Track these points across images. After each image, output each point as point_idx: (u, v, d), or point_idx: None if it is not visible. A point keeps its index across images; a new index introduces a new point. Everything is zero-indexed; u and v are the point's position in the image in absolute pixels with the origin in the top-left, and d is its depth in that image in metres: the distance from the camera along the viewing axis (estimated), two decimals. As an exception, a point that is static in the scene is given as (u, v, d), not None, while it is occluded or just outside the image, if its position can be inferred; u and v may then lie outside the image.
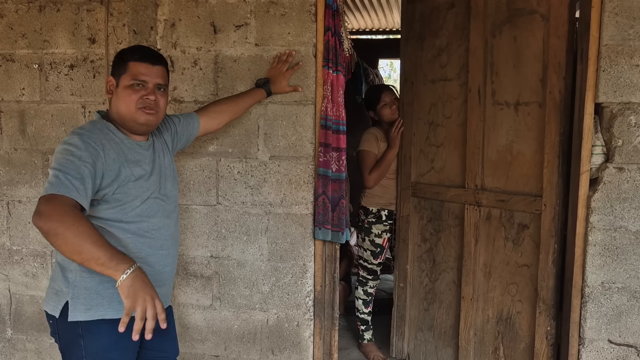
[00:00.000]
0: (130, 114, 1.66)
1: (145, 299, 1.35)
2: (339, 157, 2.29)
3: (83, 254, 1.37)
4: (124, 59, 1.68)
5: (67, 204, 1.40)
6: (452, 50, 2.69)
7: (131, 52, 1.69)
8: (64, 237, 1.36)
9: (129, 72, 1.66)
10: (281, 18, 2.28)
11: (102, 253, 1.36)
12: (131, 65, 1.65)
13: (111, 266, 1.37)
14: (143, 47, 1.75)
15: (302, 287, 2.38)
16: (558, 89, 2.26)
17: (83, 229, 1.37)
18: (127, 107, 1.66)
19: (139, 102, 1.65)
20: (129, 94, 1.65)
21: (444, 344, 2.80)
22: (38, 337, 2.61)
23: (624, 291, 2.13)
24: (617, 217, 2.11)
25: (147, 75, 1.66)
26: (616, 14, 2.04)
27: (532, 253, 2.40)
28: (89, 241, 1.36)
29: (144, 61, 1.66)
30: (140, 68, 1.66)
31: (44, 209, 1.39)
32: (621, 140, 2.08)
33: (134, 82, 1.65)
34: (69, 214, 1.38)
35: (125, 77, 1.66)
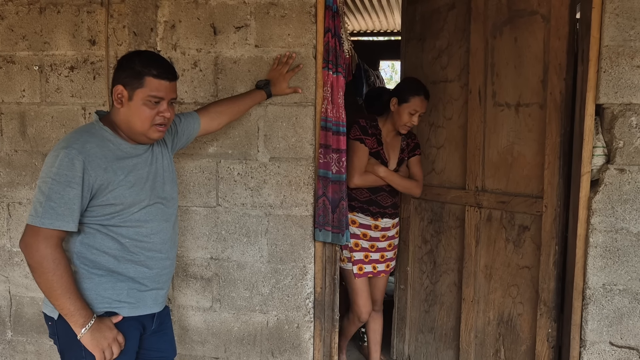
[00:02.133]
0: (144, 130, 1.64)
1: (106, 347, 1.60)
2: (339, 158, 2.29)
3: (52, 299, 1.56)
4: (139, 72, 1.60)
5: (49, 244, 1.53)
6: (453, 52, 2.68)
7: (148, 66, 1.61)
8: (39, 278, 1.54)
9: (147, 88, 1.60)
10: (281, 19, 2.28)
11: (67, 305, 1.55)
12: (148, 81, 1.60)
13: (73, 320, 1.57)
14: (159, 60, 1.66)
15: (302, 289, 2.37)
16: (559, 90, 2.26)
17: (56, 278, 1.53)
18: (141, 123, 1.63)
19: (156, 118, 1.64)
20: (144, 110, 1.62)
21: (445, 346, 2.79)
22: (38, 339, 2.60)
23: (625, 293, 2.11)
24: (618, 218, 2.10)
25: (164, 92, 1.63)
26: (617, 14, 2.03)
27: (533, 255, 2.39)
28: (58, 291, 1.54)
29: (163, 78, 1.62)
30: (159, 85, 1.61)
31: (29, 242, 1.54)
32: (622, 142, 2.07)
33: (153, 99, 1.62)
34: (48, 258, 1.52)
35: (142, 91, 1.61)
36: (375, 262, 2.71)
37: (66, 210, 1.53)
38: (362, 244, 2.67)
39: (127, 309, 1.69)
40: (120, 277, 1.67)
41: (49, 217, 1.52)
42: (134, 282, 1.69)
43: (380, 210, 2.68)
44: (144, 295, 1.72)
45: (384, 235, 2.71)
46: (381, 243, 2.71)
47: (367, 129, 2.62)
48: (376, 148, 2.64)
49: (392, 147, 2.71)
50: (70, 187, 1.53)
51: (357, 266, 2.66)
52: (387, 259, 2.76)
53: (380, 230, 2.69)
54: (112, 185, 1.60)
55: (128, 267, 1.68)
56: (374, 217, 2.67)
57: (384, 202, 2.69)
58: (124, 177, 1.63)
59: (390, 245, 2.76)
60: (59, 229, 1.53)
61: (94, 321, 1.58)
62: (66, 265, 1.56)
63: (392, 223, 2.74)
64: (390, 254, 2.78)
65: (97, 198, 1.59)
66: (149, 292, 1.74)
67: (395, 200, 2.73)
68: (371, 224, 2.67)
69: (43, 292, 1.57)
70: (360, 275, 2.68)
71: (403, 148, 2.73)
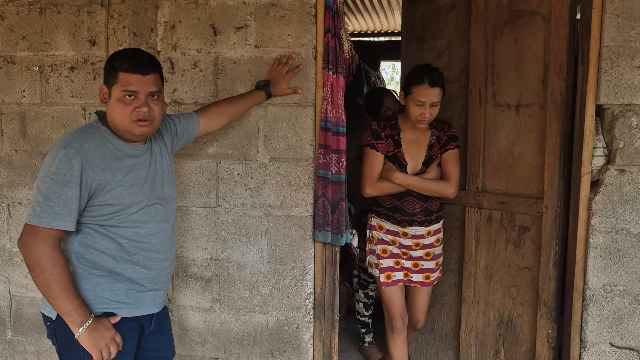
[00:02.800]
0: (125, 127, 1.63)
1: (104, 347, 1.59)
2: (339, 159, 2.29)
3: (49, 299, 1.57)
4: (114, 67, 1.60)
5: (47, 243, 1.53)
6: (453, 52, 2.68)
7: (120, 61, 1.60)
8: (37, 277, 1.55)
9: (120, 83, 1.59)
10: (281, 20, 2.27)
11: (65, 305, 1.55)
12: (121, 76, 1.59)
13: (70, 320, 1.57)
14: (133, 54, 1.65)
15: (302, 289, 2.37)
16: (559, 90, 2.25)
17: (54, 278, 1.53)
18: (120, 119, 1.62)
19: (133, 114, 1.61)
20: (121, 107, 1.61)
21: (445, 346, 2.78)
22: (38, 339, 2.60)
23: (625, 294, 2.11)
24: (618, 219, 2.09)
25: (137, 86, 1.60)
26: (617, 15, 2.03)
27: (533, 255, 2.39)
28: (56, 290, 1.54)
29: (134, 72, 1.59)
30: (130, 79, 1.59)
31: (27, 242, 1.54)
32: (622, 142, 2.07)
33: (125, 94, 1.60)
34: (45, 257, 1.53)
35: (116, 88, 1.60)
36: (407, 270, 2.44)
37: (64, 210, 1.54)
38: (392, 249, 2.44)
39: (126, 310, 1.69)
40: (118, 277, 1.67)
41: (47, 217, 1.52)
42: (133, 283, 1.70)
43: (407, 218, 2.40)
44: (142, 295, 1.72)
45: (418, 243, 2.41)
46: (415, 252, 2.43)
47: (380, 132, 2.39)
48: (392, 151, 2.40)
49: (417, 145, 2.40)
50: (69, 186, 1.53)
51: (385, 274, 2.43)
52: (424, 269, 2.43)
53: (411, 238, 2.41)
54: (110, 185, 1.60)
55: (126, 267, 1.68)
56: (400, 225, 2.41)
57: (411, 209, 2.39)
58: (122, 177, 1.63)
59: (428, 254, 2.43)
60: (57, 228, 1.54)
61: (92, 321, 1.59)
62: (64, 265, 1.56)
63: (426, 231, 2.41)
64: (430, 265, 2.44)
65: (95, 198, 1.59)
66: (148, 293, 1.74)
67: (427, 205, 2.40)
68: (399, 231, 2.42)
69: (41, 291, 1.57)
70: (388, 284, 2.43)
71: (432, 144, 2.40)
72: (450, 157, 2.38)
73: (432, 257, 2.44)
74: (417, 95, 2.27)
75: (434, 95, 2.26)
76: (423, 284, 2.45)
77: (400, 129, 2.41)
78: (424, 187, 2.37)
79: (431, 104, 2.27)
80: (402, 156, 2.39)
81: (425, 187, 2.37)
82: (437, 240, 2.45)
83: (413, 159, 2.40)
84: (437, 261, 2.46)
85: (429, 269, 2.44)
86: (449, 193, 2.37)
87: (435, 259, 2.45)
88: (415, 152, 2.40)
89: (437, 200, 2.43)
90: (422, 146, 2.40)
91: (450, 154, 2.38)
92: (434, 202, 2.43)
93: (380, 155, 2.39)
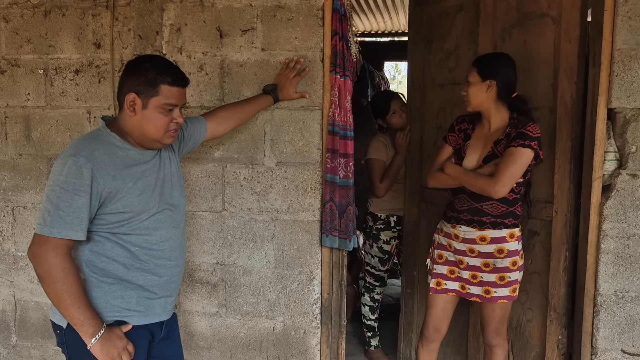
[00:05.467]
0: (159, 137, 1.64)
1: (116, 357, 1.59)
2: (347, 163, 2.27)
3: (61, 309, 1.56)
4: (153, 79, 1.60)
5: (58, 253, 1.52)
6: (461, 54, 2.66)
7: (162, 74, 1.61)
8: (48, 288, 1.53)
9: (162, 96, 1.60)
10: (288, 22, 2.25)
11: (77, 315, 1.54)
12: (164, 89, 1.60)
13: (82, 330, 1.55)
14: (172, 67, 1.66)
15: (309, 294, 2.35)
16: (569, 93, 2.23)
17: (65, 288, 1.52)
18: (156, 130, 1.63)
19: (170, 125, 1.64)
20: (160, 117, 1.62)
21: (452, 351, 2.76)
22: (43, 344, 2.59)
23: (638, 300, 2.09)
24: (630, 224, 2.07)
25: (178, 99, 1.64)
26: (629, 17, 2.00)
27: (542, 260, 2.37)
28: (67, 301, 1.53)
29: (177, 85, 1.63)
30: (173, 92, 1.62)
31: (37, 252, 1.53)
32: (635, 147, 2.05)
33: (168, 106, 1.62)
34: (57, 267, 1.52)
35: (157, 99, 1.60)
36: (464, 282, 2.25)
37: (75, 219, 1.52)
38: (448, 256, 2.29)
39: (137, 318, 1.67)
40: (129, 285, 1.66)
41: (58, 227, 1.51)
42: (144, 290, 1.68)
43: (454, 215, 2.24)
44: (153, 303, 1.71)
45: (472, 249, 2.20)
46: (471, 259, 2.21)
47: (455, 125, 2.32)
48: (460, 144, 2.29)
49: (486, 141, 2.23)
50: (79, 195, 1.51)
51: (436, 280, 2.30)
52: (483, 282, 2.19)
53: (463, 242, 2.22)
54: (121, 193, 1.58)
55: (137, 275, 1.66)
56: (450, 222, 2.26)
57: (459, 206, 2.23)
58: (133, 184, 1.61)
59: (487, 265, 2.18)
60: (67, 238, 1.52)
61: (104, 331, 1.57)
62: (75, 275, 1.54)
63: (478, 235, 2.18)
64: (490, 277, 2.17)
65: (105, 206, 1.57)
66: (158, 300, 1.72)
67: (478, 205, 2.17)
68: (452, 233, 2.26)
69: (52, 301, 1.55)
70: (437, 291, 2.29)
71: (499, 140, 2.17)
72: (507, 153, 2.09)
73: (492, 270, 2.17)
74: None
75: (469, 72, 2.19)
76: (483, 299, 2.21)
77: (479, 124, 2.28)
78: (467, 181, 2.18)
79: (467, 82, 2.19)
80: (464, 149, 2.27)
81: (468, 181, 2.17)
82: (498, 250, 2.16)
83: (474, 154, 2.24)
84: (502, 275, 2.16)
85: (488, 282, 2.18)
86: (490, 191, 2.08)
87: (498, 272, 2.17)
88: (480, 147, 2.23)
89: (500, 205, 2.15)
90: (489, 142, 2.21)
91: (510, 150, 2.08)
92: (494, 205, 2.16)
93: (448, 147, 2.32)
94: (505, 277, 2.16)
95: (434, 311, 2.33)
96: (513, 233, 2.16)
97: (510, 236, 2.16)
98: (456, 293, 2.28)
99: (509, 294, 2.17)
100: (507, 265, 2.16)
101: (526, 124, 2.11)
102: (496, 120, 2.19)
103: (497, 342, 2.27)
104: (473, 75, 2.17)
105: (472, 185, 2.16)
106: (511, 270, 2.16)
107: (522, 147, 2.05)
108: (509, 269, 2.16)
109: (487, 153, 2.19)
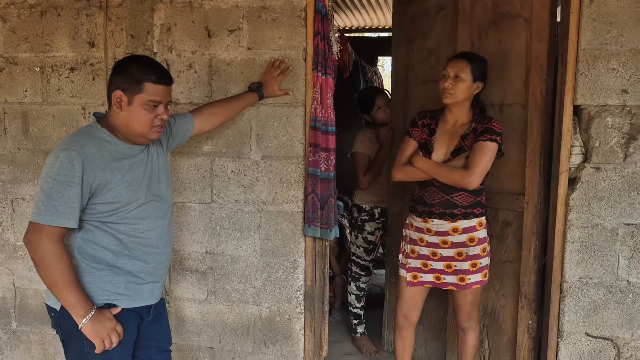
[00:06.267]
0: (144, 132, 1.75)
1: (106, 336, 1.70)
2: (328, 157, 2.38)
3: (54, 292, 1.67)
4: (138, 78, 1.69)
5: (51, 240, 1.63)
6: (441, 52, 2.76)
7: (146, 72, 1.70)
8: (43, 272, 1.65)
9: (146, 93, 1.70)
10: (272, 23, 2.36)
11: (69, 297, 1.65)
12: (147, 86, 1.70)
13: (74, 312, 1.67)
14: (155, 65, 1.76)
15: (293, 282, 2.47)
16: (539, 90, 2.34)
17: (58, 272, 1.64)
18: (141, 126, 1.73)
19: (155, 121, 1.75)
20: (144, 114, 1.72)
21: (432, 337, 2.89)
22: (42, 329, 2.71)
23: (600, 286, 2.21)
24: (594, 215, 2.19)
25: (162, 97, 1.74)
26: (594, 19, 2.11)
27: (515, 249, 2.48)
28: (60, 284, 1.64)
29: (161, 83, 1.72)
30: (157, 90, 1.71)
31: (32, 239, 1.64)
32: (598, 141, 2.16)
33: (151, 103, 1.72)
34: (50, 253, 1.63)
35: (141, 96, 1.70)
36: (439, 273, 2.34)
37: (67, 209, 1.63)
38: (420, 250, 2.38)
39: (126, 301, 1.79)
40: (118, 271, 1.77)
41: (51, 215, 1.62)
42: (132, 276, 1.79)
43: (426, 209, 2.32)
44: (141, 288, 1.82)
45: (445, 241, 2.30)
46: (445, 250, 2.31)
47: (417, 120, 2.40)
48: (425, 139, 2.36)
49: (451, 135, 2.32)
50: (70, 186, 1.63)
51: (412, 274, 2.39)
52: (458, 271, 2.30)
53: (436, 235, 2.31)
54: (110, 185, 1.70)
55: (126, 261, 1.78)
56: (421, 217, 2.34)
57: (431, 200, 2.31)
58: (121, 176, 1.73)
59: (460, 254, 2.29)
60: (60, 225, 1.63)
61: (94, 312, 1.68)
62: (68, 260, 1.66)
63: (450, 227, 2.28)
64: (464, 266, 2.29)
65: (95, 197, 1.69)
66: (146, 285, 1.83)
67: (449, 197, 2.27)
68: (423, 227, 2.34)
69: (46, 285, 1.67)
70: (414, 284, 2.39)
71: (466, 134, 2.29)
72: (477, 147, 2.21)
73: (465, 258, 2.29)
74: (445, 67, 2.29)
75: (459, 68, 2.23)
76: (458, 287, 2.32)
77: (441, 119, 2.37)
78: (441, 173, 2.25)
79: (455, 76, 2.23)
80: (431, 144, 2.35)
81: (441, 173, 2.25)
82: (470, 239, 2.28)
83: (442, 148, 2.33)
84: (474, 262, 2.29)
85: (462, 270, 2.30)
86: (465, 183, 2.19)
87: (470, 259, 2.29)
88: (446, 141, 2.33)
89: (468, 195, 2.27)
90: (456, 136, 2.32)
91: (480, 144, 2.21)
92: (463, 196, 2.27)
93: (412, 142, 2.39)
94: (477, 264, 2.31)
95: (402, 301, 2.46)
96: (481, 222, 2.31)
97: (479, 224, 2.31)
98: (431, 284, 2.40)
99: (481, 278, 2.33)
100: (478, 253, 2.30)
101: (491, 120, 2.27)
102: (463, 116, 2.33)
103: (469, 325, 2.42)
104: (465, 73, 2.24)
105: (446, 177, 2.25)
106: (481, 257, 2.31)
107: (490, 142, 2.21)
108: (480, 255, 2.30)
109: (455, 147, 2.30)
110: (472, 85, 2.26)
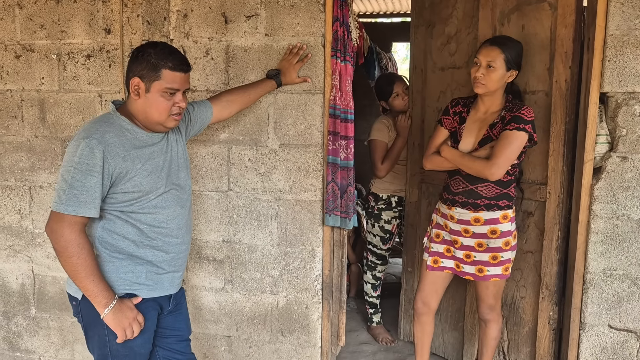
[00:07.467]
0: (162, 120, 1.73)
1: (127, 326, 1.71)
2: (347, 145, 2.35)
3: (76, 281, 1.67)
4: (155, 64, 1.67)
5: (73, 229, 1.63)
6: (461, 38, 2.71)
7: (164, 59, 1.68)
8: (65, 262, 1.65)
9: (164, 80, 1.68)
10: (290, 9, 2.32)
11: (91, 287, 1.66)
12: (165, 73, 1.68)
13: (96, 301, 1.67)
14: (172, 52, 1.73)
15: (311, 271, 2.46)
16: (564, 78, 2.28)
17: (80, 262, 1.64)
18: (159, 113, 1.72)
19: (173, 109, 1.73)
20: (162, 101, 1.70)
21: (450, 327, 2.87)
22: (60, 316, 2.74)
23: (625, 278, 2.17)
24: (619, 205, 2.14)
25: (180, 84, 1.72)
26: (622, 3, 2.04)
27: (536, 240, 2.45)
28: (82, 274, 1.64)
29: (179, 70, 1.70)
30: (175, 77, 1.70)
31: (54, 228, 1.64)
32: (625, 130, 2.11)
33: (169, 91, 1.70)
34: (72, 243, 1.63)
35: (159, 84, 1.69)
36: (459, 261, 2.31)
37: (88, 198, 1.62)
38: (445, 235, 2.35)
39: (146, 291, 1.79)
40: (139, 260, 1.77)
41: (73, 204, 1.61)
42: (152, 266, 1.79)
43: (450, 197, 2.29)
44: (161, 277, 1.82)
45: (467, 230, 2.25)
46: (466, 239, 2.27)
47: (449, 108, 2.35)
48: (455, 127, 2.31)
49: (481, 124, 2.26)
50: (92, 175, 1.62)
51: (433, 258, 2.37)
52: (476, 261, 2.26)
53: (458, 223, 2.27)
54: (131, 173, 1.69)
55: (146, 251, 1.77)
56: (446, 204, 2.31)
57: (455, 188, 2.28)
58: (142, 165, 1.71)
59: (480, 245, 2.24)
60: (82, 215, 1.63)
61: (116, 302, 1.69)
62: (89, 250, 1.66)
63: (472, 217, 2.23)
64: (483, 257, 2.25)
65: (116, 186, 1.68)
66: (166, 275, 1.83)
67: (473, 187, 2.22)
68: (447, 214, 2.31)
69: (68, 274, 1.67)
70: (434, 269, 2.37)
71: (494, 123, 2.21)
72: (503, 136, 2.12)
73: (485, 249, 2.24)
74: (477, 53, 2.21)
75: (491, 57, 2.14)
76: (476, 277, 2.29)
77: (473, 107, 2.30)
78: (464, 163, 2.21)
79: (487, 65, 2.15)
80: (460, 133, 2.29)
81: (464, 163, 2.21)
82: (492, 231, 2.22)
83: (470, 137, 2.27)
84: (494, 255, 2.24)
85: (481, 262, 2.25)
86: (487, 174, 2.13)
87: (491, 252, 2.24)
88: (475, 130, 2.27)
89: (494, 187, 2.20)
90: (485, 125, 2.24)
91: (505, 133, 2.12)
92: (488, 187, 2.20)
93: (443, 130, 2.34)
94: (498, 257, 2.25)
95: (422, 286, 2.42)
96: (506, 214, 2.23)
97: (504, 217, 2.23)
98: (452, 271, 2.36)
99: (502, 272, 2.26)
100: (499, 246, 2.23)
101: (520, 108, 2.15)
102: (494, 104, 2.24)
103: (491, 317, 2.37)
104: (498, 62, 2.14)
105: (469, 168, 2.20)
106: (503, 250, 2.24)
107: (517, 131, 2.10)
108: (502, 248, 2.24)
109: (483, 136, 2.23)
110: (506, 74, 2.17)
